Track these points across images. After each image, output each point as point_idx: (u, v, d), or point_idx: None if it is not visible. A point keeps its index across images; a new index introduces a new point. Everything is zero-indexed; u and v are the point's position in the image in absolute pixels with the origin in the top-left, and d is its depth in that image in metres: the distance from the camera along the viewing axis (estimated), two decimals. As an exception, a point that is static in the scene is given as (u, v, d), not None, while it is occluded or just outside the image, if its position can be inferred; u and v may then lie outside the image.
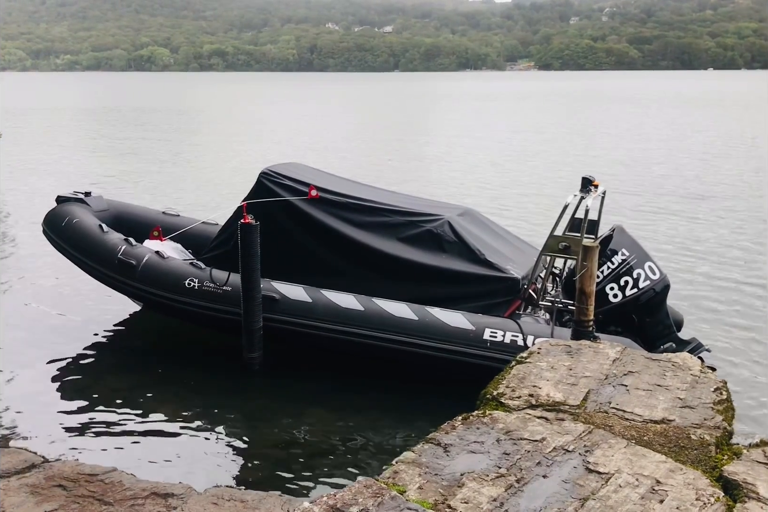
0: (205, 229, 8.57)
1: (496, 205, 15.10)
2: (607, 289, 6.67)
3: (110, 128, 35.91)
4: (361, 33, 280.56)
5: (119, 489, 3.64)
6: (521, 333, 6.46)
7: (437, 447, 3.26)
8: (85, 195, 8.67)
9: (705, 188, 17.56)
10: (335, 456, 5.67)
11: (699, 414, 3.59)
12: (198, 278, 7.23)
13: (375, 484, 2.90)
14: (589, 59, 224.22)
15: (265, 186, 7.57)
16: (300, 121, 40.33)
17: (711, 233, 12.89)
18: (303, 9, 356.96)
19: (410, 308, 6.72)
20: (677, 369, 4.11)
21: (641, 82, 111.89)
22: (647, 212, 14.75)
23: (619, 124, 36.90)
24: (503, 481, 2.97)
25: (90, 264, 7.82)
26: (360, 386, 6.80)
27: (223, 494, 3.62)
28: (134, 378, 7.00)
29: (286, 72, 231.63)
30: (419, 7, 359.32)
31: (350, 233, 7.28)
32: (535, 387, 3.86)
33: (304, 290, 7.02)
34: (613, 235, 6.86)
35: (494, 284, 6.84)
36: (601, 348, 4.43)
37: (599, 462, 3.11)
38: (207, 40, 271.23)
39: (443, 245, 7.08)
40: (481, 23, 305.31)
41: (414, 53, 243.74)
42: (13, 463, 3.79)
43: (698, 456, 3.26)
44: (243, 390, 6.80)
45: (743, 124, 35.81)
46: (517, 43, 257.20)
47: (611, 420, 3.53)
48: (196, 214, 10.38)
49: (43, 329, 8.19)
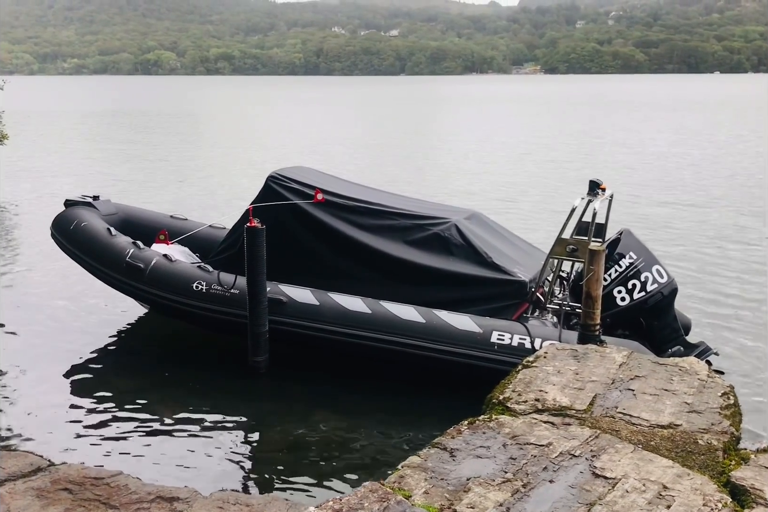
0: (212, 232, 8.58)
1: (501, 208, 15.08)
2: (614, 292, 6.66)
3: (118, 132, 36.03)
4: (367, 37, 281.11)
5: (125, 492, 3.64)
6: (529, 336, 6.44)
7: (443, 451, 3.26)
8: (93, 199, 8.70)
9: (712, 192, 17.52)
10: (341, 459, 5.66)
11: (706, 419, 3.57)
12: (206, 281, 7.23)
13: (381, 489, 2.89)
14: (595, 63, 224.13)
15: (273, 189, 7.59)
16: (306, 124, 40.37)
17: (718, 237, 12.85)
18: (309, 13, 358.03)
19: (417, 311, 6.72)
20: (684, 374, 4.09)
21: (647, 85, 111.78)
22: (654, 215, 14.71)
23: (626, 127, 36.85)
24: (509, 486, 2.96)
25: (98, 267, 7.83)
26: (366, 389, 6.79)
27: (229, 498, 3.61)
28: (140, 381, 7.00)
29: (292, 76, 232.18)
30: (425, 10, 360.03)
31: (358, 236, 7.29)
32: (541, 392, 3.85)
33: (312, 292, 7.02)
34: (621, 238, 6.86)
35: (502, 287, 6.84)
36: (607, 352, 4.42)
37: (606, 467, 3.10)
38: (213, 44, 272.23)
39: (451, 248, 7.09)
40: (487, 27, 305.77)
41: (420, 57, 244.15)
42: (19, 466, 3.80)
43: (705, 461, 3.24)
44: (249, 393, 6.79)
45: (752, 128, 35.71)
46: (523, 47, 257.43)
47: (618, 424, 3.52)
48: (204, 217, 10.39)
49: (51, 332, 8.21)
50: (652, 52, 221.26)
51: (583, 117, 45.79)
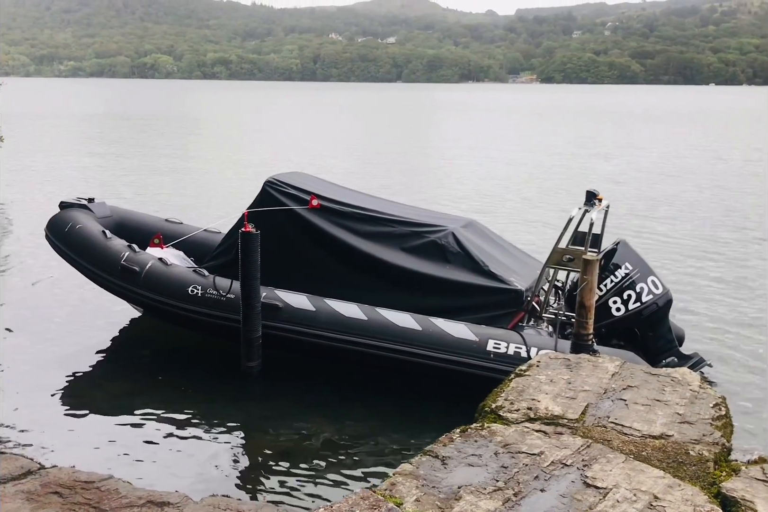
0: (207, 237, 8.58)
1: (497, 218, 15.11)
2: (610, 302, 6.70)
3: (113, 135, 35.98)
4: (365, 44, 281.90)
5: (115, 496, 3.62)
6: (525, 345, 6.45)
7: (435, 459, 3.26)
8: (88, 201, 8.66)
9: (709, 203, 17.59)
10: (333, 466, 5.65)
11: (698, 430, 3.58)
12: (201, 286, 7.22)
13: (372, 496, 2.90)
14: (591, 73, 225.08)
15: (270, 195, 7.59)
16: (303, 130, 40.40)
17: (713, 248, 12.90)
18: (307, 19, 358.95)
19: (414, 319, 6.71)
20: (676, 384, 4.10)
21: (642, 96, 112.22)
22: (649, 226, 14.76)
23: (621, 138, 36.98)
24: (501, 495, 2.97)
25: (92, 270, 7.80)
26: (358, 397, 6.78)
27: (220, 503, 3.60)
28: (132, 386, 6.98)
29: (289, 81, 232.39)
30: (422, 18, 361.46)
31: (354, 243, 7.29)
32: (533, 400, 3.86)
33: (308, 298, 7.01)
34: (617, 249, 6.89)
35: (498, 296, 6.85)
36: (600, 362, 4.43)
37: (597, 477, 3.10)
38: (210, 48, 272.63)
39: (447, 256, 7.10)
40: (483, 35, 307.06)
41: (416, 64, 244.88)
42: (9, 469, 3.78)
43: (696, 472, 3.25)
44: (241, 398, 6.78)
45: (747, 140, 35.89)
46: (520, 56, 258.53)
47: (610, 434, 3.53)
48: (200, 221, 10.37)
49: (42, 335, 8.17)
50: (648, 63, 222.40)
51: (579, 127, 45.93)
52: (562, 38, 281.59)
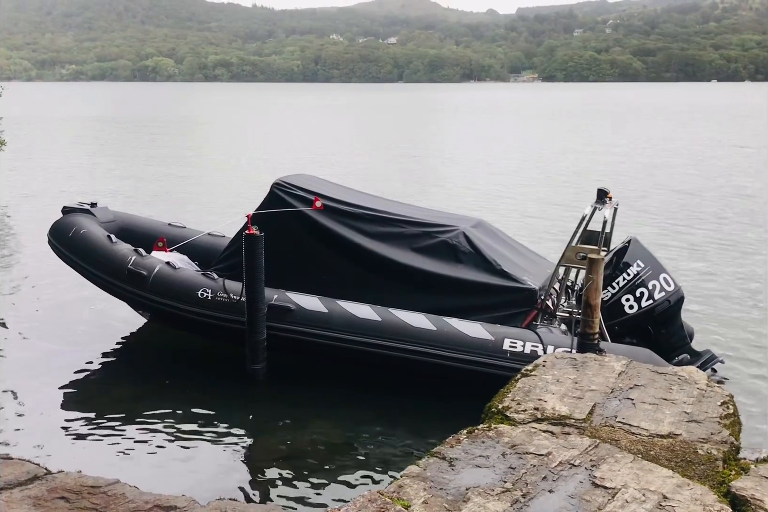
0: (211, 240, 8.56)
1: (505, 217, 15.08)
2: (622, 300, 6.70)
3: (115, 138, 36.02)
4: (366, 44, 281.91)
5: (122, 501, 3.61)
6: (541, 344, 6.42)
7: (442, 460, 3.24)
8: (91, 206, 8.65)
9: (719, 200, 17.54)
10: (339, 468, 5.64)
11: (706, 429, 3.56)
12: (211, 289, 7.20)
13: (380, 498, 2.88)
14: (592, 71, 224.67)
15: (278, 197, 7.56)
16: (305, 131, 40.39)
17: (723, 245, 12.86)
18: (307, 20, 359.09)
19: (428, 319, 6.68)
20: (683, 383, 4.08)
21: (645, 92, 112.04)
22: (660, 223, 14.72)
23: (628, 136, 36.91)
24: (509, 496, 2.95)
25: (98, 275, 7.77)
26: (364, 398, 6.76)
27: (227, 507, 3.59)
28: (138, 389, 6.98)
29: (290, 83, 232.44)
30: (423, 18, 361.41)
31: (365, 244, 7.26)
32: (540, 401, 3.84)
33: (320, 300, 6.98)
34: (628, 246, 6.89)
35: (511, 295, 6.83)
36: (606, 361, 4.41)
37: (605, 477, 3.08)
38: (212, 50, 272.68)
39: (459, 256, 7.08)
40: (484, 35, 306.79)
41: (418, 64, 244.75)
42: (15, 474, 3.77)
43: (705, 471, 3.23)
44: (247, 401, 6.77)
45: (754, 136, 35.80)
46: (521, 55, 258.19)
47: (617, 434, 3.51)
48: (204, 225, 10.37)
49: (47, 339, 8.17)
50: (649, 61, 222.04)
51: (581, 125, 45.86)
52: (564, 37, 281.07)
